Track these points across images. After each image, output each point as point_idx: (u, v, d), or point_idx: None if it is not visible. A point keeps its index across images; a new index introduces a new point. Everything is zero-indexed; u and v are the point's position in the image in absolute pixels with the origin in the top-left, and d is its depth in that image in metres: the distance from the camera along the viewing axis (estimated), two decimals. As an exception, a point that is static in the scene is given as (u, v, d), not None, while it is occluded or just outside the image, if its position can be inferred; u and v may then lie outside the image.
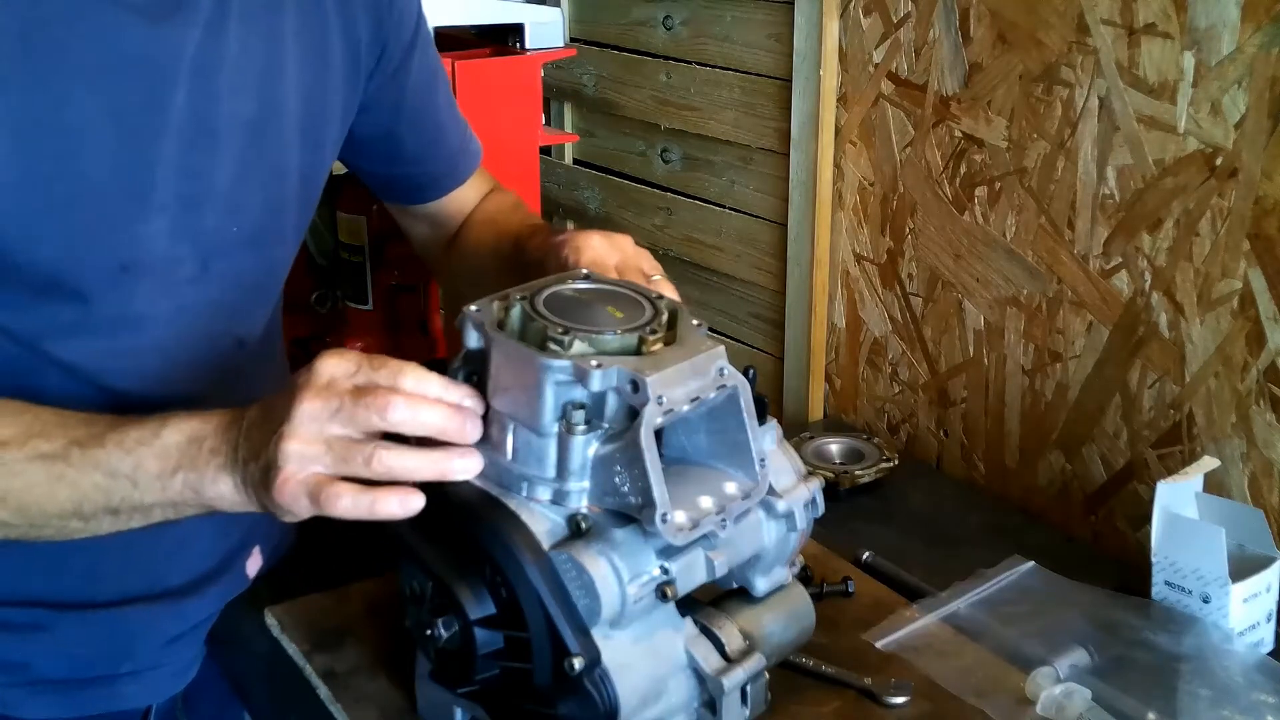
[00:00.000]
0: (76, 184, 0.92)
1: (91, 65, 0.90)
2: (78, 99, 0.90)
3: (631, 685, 0.79)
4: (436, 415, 0.79)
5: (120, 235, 0.95)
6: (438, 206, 1.31)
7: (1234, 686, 0.98)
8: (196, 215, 0.99)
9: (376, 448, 0.78)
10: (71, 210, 0.92)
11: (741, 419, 0.82)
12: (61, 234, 0.92)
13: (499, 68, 1.57)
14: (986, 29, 1.34)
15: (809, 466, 1.02)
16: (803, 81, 1.56)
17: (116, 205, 0.94)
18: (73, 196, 0.92)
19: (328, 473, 0.79)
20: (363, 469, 0.78)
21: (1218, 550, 1.03)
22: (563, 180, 2.07)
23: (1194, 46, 1.15)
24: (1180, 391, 1.22)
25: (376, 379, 0.80)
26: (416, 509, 0.79)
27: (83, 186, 0.92)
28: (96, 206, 0.93)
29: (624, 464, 0.77)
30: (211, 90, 0.97)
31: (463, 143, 1.30)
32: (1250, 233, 1.13)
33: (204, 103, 0.97)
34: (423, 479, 0.79)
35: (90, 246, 0.94)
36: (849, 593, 1.10)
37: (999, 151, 1.36)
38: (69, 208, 0.92)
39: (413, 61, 1.19)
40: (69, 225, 0.92)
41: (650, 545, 0.79)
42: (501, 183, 1.37)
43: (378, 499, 0.78)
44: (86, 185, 0.92)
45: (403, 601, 0.86)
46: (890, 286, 1.53)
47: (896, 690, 0.98)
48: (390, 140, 1.22)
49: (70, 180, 0.91)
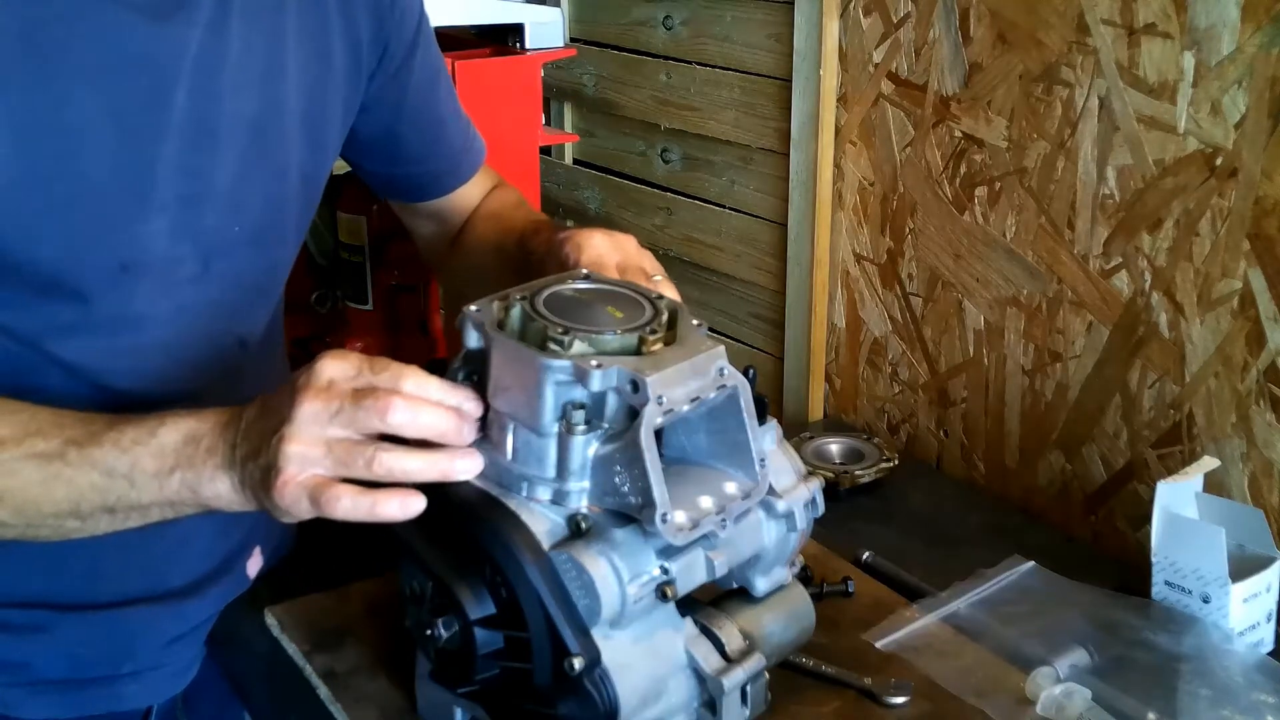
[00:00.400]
0: (77, 184, 0.92)
1: (92, 64, 0.90)
2: (78, 98, 0.90)
3: (631, 685, 0.79)
4: (436, 418, 0.79)
5: (120, 235, 0.95)
6: (441, 204, 1.31)
7: (1234, 686, 0.98)
8: (197, 214, 0.99)
9: (377, 449, 0.78)
10: (71, 210, 0.92)
11: (741, 419, 0.82)
12: (62, 234, 0.92)
13: (499, 68, 1.57)
14: (986, 29, 1.34)
15: (809, 466, 1.02)
16: (803, 81, 1.56)
17: (117, 205, 0.94)
18: (73, 196, 0.92)
19: (328, 474, 0.79)
20: (364, 471, 0.78)
21: (1218, 550, 1.03)
22: (563, 180, 2.07)
23: (1194, 46, 1.15)
24: (1180, 391, 1.22)
25: (377, 381, 0.80)
26: (417, 511, 0.79)
27: (83, 186, 0.92)
28: (97, 206, 0.93)
29: (624, 464, 0.77)
30: (213, 89, 0.97)
31: (466, 141, 1.30)
32: (1250, 233, 1.13)
33: (205, 102, 0.97)
34: (424, 480, 0.79)
35: (90, 246, 0.94)
36: (849, 593, 1.10)
37: (999, 151, 1.36)
38: (69, 207, 0.92)
39: (415, 61, 1.19)
40: (69, 225, 0.92)
41: (650, 545, 0.79)
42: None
43: (378, 501, 0.78)
44: (87, 185, 0.92)
45: (403, 601, 0.86)
46: (890, 286, 1.53)
47: (896, 690, 0.98)
48: (393, 139, 1.22)
49: (70, 180, 0.91)
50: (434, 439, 0.80)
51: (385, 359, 0.81)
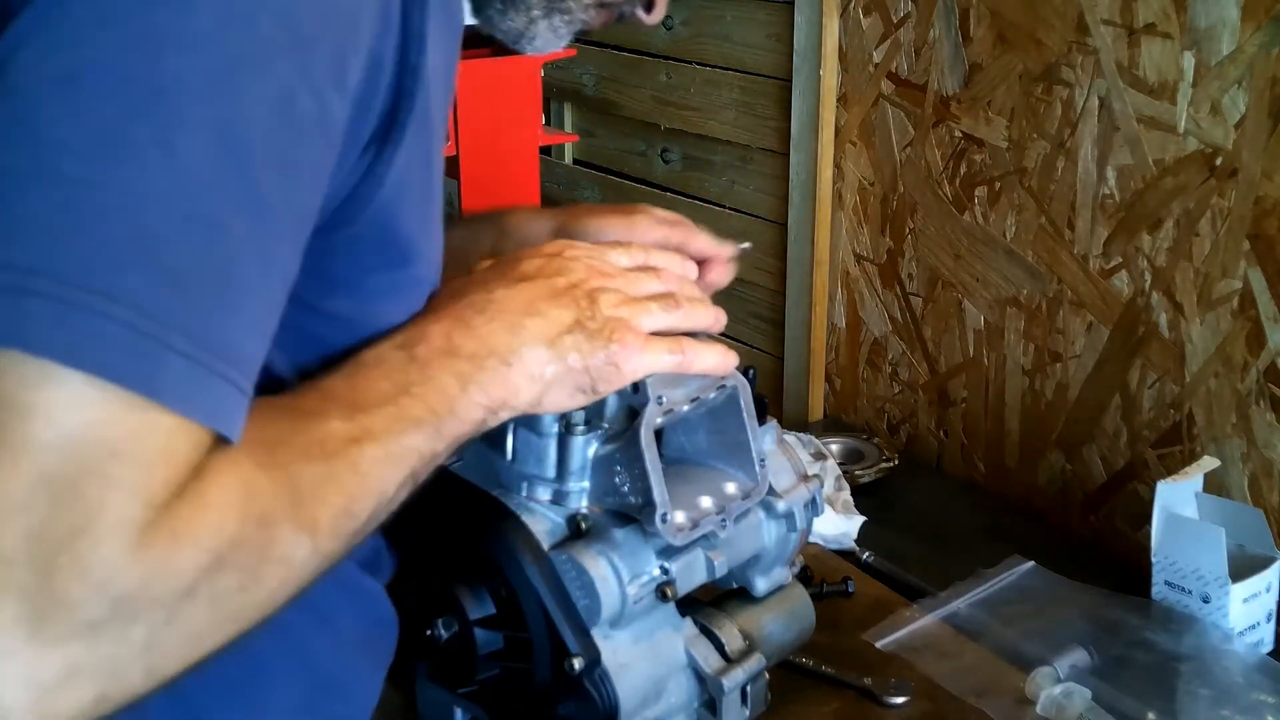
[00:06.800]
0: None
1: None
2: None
3: (631, 685, 0.79)
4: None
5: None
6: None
7: (1234, 686, 0.98)
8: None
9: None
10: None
11: (741, 419, 0.82)
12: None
13: (499, 68, 1.57)
14: (986, 29, 1.34)
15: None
16: (803, 81, 1.56)
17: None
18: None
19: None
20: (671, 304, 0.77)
21: (1218, 550, 1.03)
22: (563, 180, 2.07)
23: (1194, 46, 1.15)
24: (1180, 391, 1.22)
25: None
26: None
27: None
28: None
29: (624, 464, 0.77)
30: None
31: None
32: (1250, 233, 1.13)
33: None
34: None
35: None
36: (849, 593, 1.10)
37: (999, 151, 1.36)
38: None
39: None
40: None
41: (650, 545, 0.79)
42: (501, 183, 1.37)
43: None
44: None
45: (403, 601, 0.86)
46: (890, 286, 1.53)
47: (896, 690, 0.98)
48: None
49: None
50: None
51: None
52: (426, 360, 0.68)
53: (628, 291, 0.76)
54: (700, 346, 0.77)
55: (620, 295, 0.75)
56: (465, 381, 0.68)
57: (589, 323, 0.73)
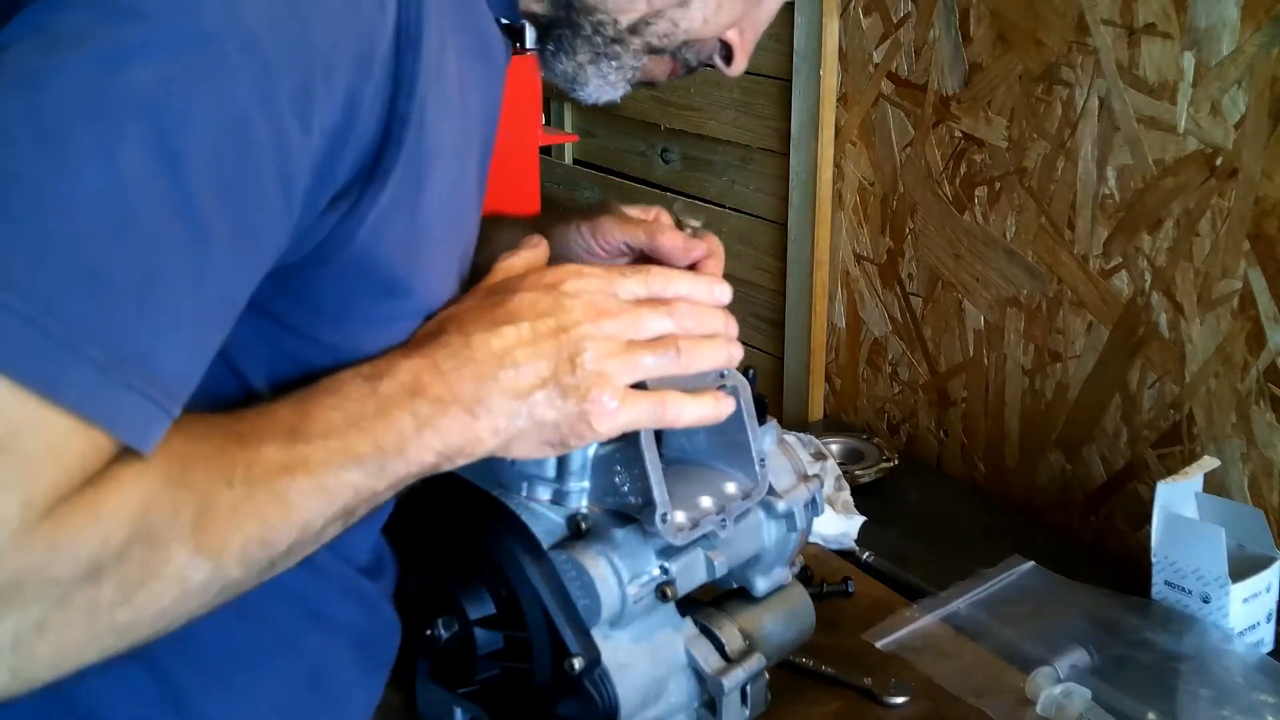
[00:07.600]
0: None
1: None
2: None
3: (631, 685, 0.79)
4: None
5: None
6: None
7: (1234, 686, 0.98)
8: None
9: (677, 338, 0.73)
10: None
11: (741, 419, 0.82)
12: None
13: (499, 68, 1.57)
14: (986, 29, 1.34)
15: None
16: (803, 81, 1.56)
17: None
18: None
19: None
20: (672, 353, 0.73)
21: (1218, 550, 1.03)
22: (563, 180, 2.07)
23: (1194, 46, 1.15)
24: (1180, 391, 1.22)
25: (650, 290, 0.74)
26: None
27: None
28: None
29: (624, 464, 0.77)
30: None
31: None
32: (1250, 233, 1.13)
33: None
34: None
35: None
36: (849, 593, 1.10)
37: (999, 151, 1.36)
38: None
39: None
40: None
41: (650, 545, 0.79)
42: (501, 182, 1.37)
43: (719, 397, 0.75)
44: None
45: (403, 601, 0.86)
46: (890, 286, 1.53)
47: (896, 690, 0.98)
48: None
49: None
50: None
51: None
52: (388, 395, 0.65)
53: (624, 336, 0.72)
54: (683, 401, 0.73)
55: (611, 344, 0.71)
56: (422, 424, 0.66)
57: (566, 378, 0.69)
